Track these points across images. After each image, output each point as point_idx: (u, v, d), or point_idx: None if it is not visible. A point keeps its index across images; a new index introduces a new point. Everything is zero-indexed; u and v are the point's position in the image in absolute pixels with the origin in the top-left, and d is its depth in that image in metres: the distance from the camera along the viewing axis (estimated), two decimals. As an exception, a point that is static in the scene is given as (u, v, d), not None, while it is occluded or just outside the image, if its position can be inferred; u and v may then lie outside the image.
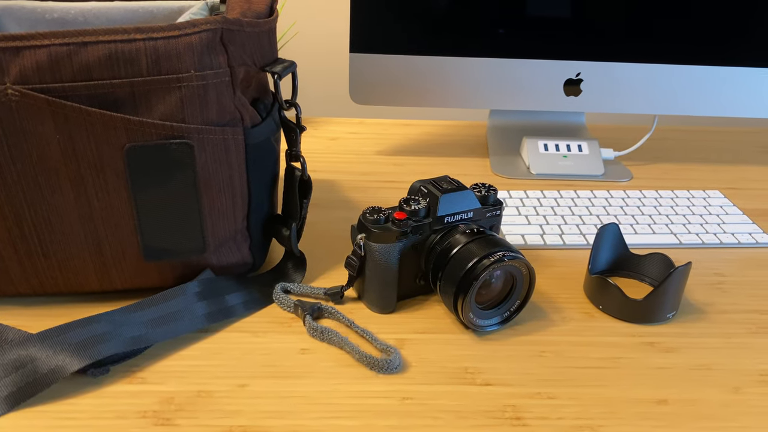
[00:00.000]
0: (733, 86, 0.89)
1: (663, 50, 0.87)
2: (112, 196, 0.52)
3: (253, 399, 0.49)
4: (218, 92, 0.52)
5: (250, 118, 0.55)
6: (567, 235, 0.72)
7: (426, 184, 0.60)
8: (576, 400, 0.50)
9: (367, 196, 0.81)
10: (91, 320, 0.51)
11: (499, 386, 0.51)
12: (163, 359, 0.52)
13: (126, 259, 0.55)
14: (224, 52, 0.52)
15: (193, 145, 0.52)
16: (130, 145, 0.50)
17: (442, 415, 0.48)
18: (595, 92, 0.89)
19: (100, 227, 0.53)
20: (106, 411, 0.47)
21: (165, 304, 0.55)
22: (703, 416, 0.49)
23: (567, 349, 0.55)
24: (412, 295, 0.61)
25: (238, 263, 0.60)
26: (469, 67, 0.87)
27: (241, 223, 0.58)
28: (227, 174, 0.55)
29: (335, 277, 0.64)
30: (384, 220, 0.57)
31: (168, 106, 0.50)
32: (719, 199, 0.82)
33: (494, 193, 0.61)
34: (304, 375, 0.51)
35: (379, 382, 0.51)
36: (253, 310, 0.58)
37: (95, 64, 0.47)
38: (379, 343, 0.54)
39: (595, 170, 0.88)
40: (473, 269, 0.54)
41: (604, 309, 0.60)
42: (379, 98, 0.89)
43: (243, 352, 0.53)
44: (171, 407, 0.48)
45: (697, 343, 0.57)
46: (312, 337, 0.55)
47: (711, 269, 0.68)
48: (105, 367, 0.50)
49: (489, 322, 0.56)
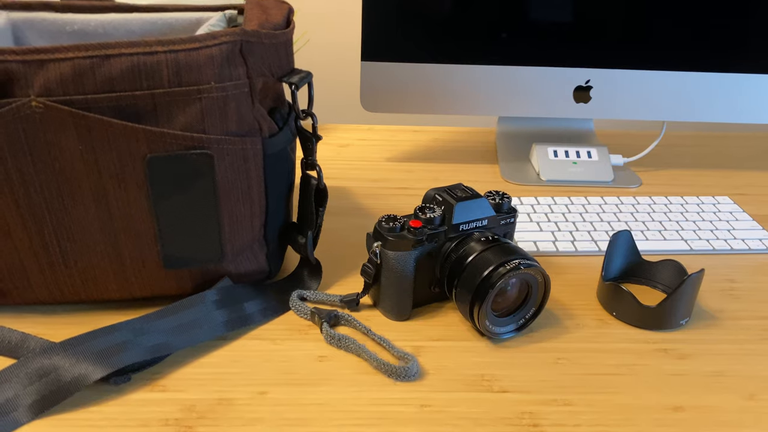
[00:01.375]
0: (742, 93, 0.89)
1: (672, 57, 0.87)
2: (133, 206, 0.53)
3: (273, 406, 0.49)
4: (238, 103, 0.52)
5: (268, 128, 0.56)
6: (579, 242, 0.73)
7: (440, 192, 0.60)
8: (592, 406, 0.50)
9: (379, 203, 0.81)
10: (112, 329, 0.52)
11: (516, 393, 0.51)
12: (183, 367, 0.53)
13: (146, 267, 0.56)
14: (243, 64, 0.52)
15: (213, 156, 0.52)
16: (151, 155, 0.51)
17: (461, 422, 0.49)
18: (604, 99, 0.90)
19: (121, 237, 0.54)
20: (130, 419, 0.48)
21: (184, 312, 0.55)
22: (719, 423, 0.49)
23: (582, 356, 0.56)
24: (427, 303, 0.62)
25: (255, 271, 0.60)
26: (479, 75, 0.88)
27: (259, 232, 0.59)
28: (246, 183, 0.55)
29: (350, 284, 0.64)
30: (400, 228, 0.57)
31: (189, 117, 0.51)
32: (729, 205, 0.82)
33: (508, 201, 0.62)
34: (323, 382, 0.52)
35: (398, 390, 0.51)
36: (270, 318, 0.59)
37: (118, 76, 0.48)
38: (396, 350, 0.54)
39: (605, 176, 0.89)
40: (489, 277, 0.54)
41: (617, 315, 0.60)
42: (389, 106, 0.89)
43: (262, 359, 0.54)
44: (193, 415, 0.48)
45: (711, 349, 0.57)
46: (329, 345, 0.56)
47: (722, 275, 0.68)
48: (126, 375, 0.51)
49: (505, 329, 0.57)
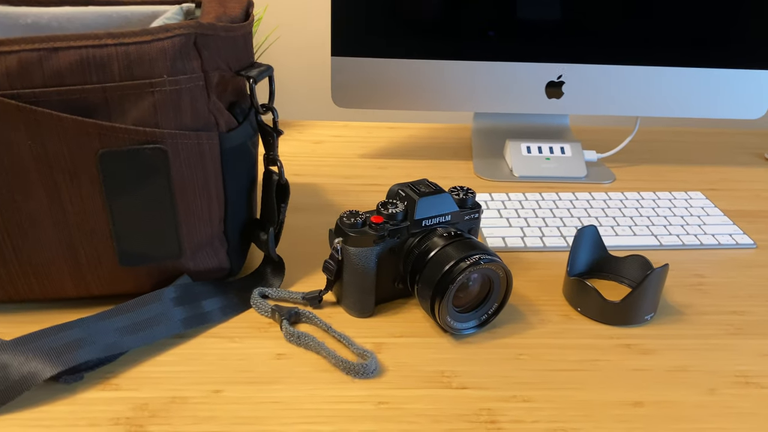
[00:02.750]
0: (715, 88, 0.89)
1: (644, 52, 0.87)
2: (86, 201, 0.52)
3: (227, 405, 0.48)
4: (192, 97, 0.52)
5: (225, 123, 0.55)
6: (547, 237, 0.72)
7: (404, 187, 0.59)
8: (552, 402, 0.50)
9: (349, 199, 0.81)
10: (65, 327, 0.51)
11: (475, 389, 0.51)
12: (138, 365, 0.52)
13: (102, 265, 0.55)
14: (198, 57, 0.51)
15: (167, 150, 0.51)
16: (104, 150, 0.50)
17: (418, 420, 0.48)
18: (577, 94, 0.89)
19: (75, 233, 0.53)
20: (80, 418, 0.47)
21: (141, 309, 0.54)
22: (679, 418, 0.49)
23: (544, 352, 0.55)
24: (391, 299, 0.61)
25: (215, 268, 0.60)
26: (450, 70, 0.87)
27: (218, 228, 0.58)
28: (203, 178, 0.54)
29: (315, 282, 0.64)
30: (361, 224, 0.57)
31: (141, 111, 0.50)
32: (701, 201, 0.82)
33: (472, 196, 0.61)
34: (280, 380, 0.51)
35: (355, 387, 0.51)
36: (230, 316, 0.58)
37: (67, 69, 0.47)
38: (355, 347, 0.54)
39: (578, 172, 0.89)
40: (450, 272, 0.53)
41: (582, 311, 0.60)
42: (361, 101, 0.89)
43: (219, 357, 0.53)
44: (144, 413, 0.47)
45: (675, 344, 0.57)
46: (289, 342, 0.55)
47: (691, 271, 0.68)
48: (79, 374, 0.50)
49: (466, 325, 0.56)
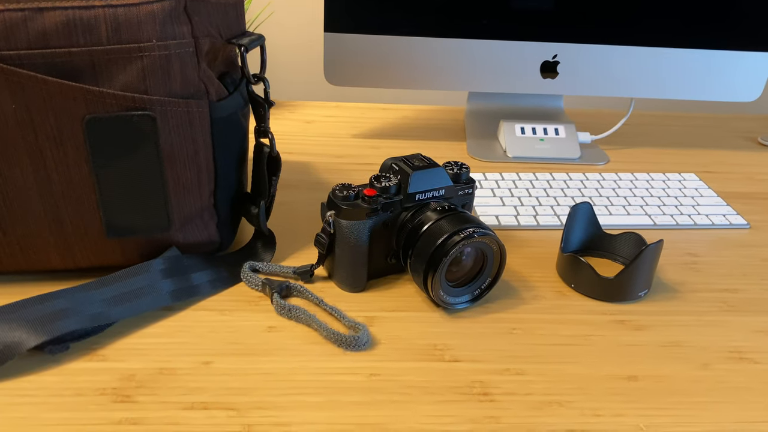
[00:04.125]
0: (710, 70, 0.88)
1: (640, 33, 0.86)
2: (72, 169, 0.51)
3: (216, 376, 0.48)
4: (182, 63, 0.50)
5: (215, 92, 0.54)
6: (541, 216, 0.72)
7: (397, 161, 0.59)
8: (545, 376, 0.49)
9: (340, 177, 0.80)
10: (50, 296, 0.50)
11: (468, 362, 0.50)
12: (126, 337, 0.51)
13: (88, 235, 0.54)
14: (188, 22, 0.50)
15: (156, 117, 0.50)
16: (90, 116, 0.49)
17: (409, 391, 0.47)
18: (571, 75, 0.89)
19: (61, 202, 0.52)
20: (65, 388, 0.46)
21: (128, 281, 0.53)
22: (672, 392, 0.49)
23: (538, 327, 0.55)
24: (384, 274, 0.60)
25: (205, 241, 0.59)
26: (444, 48, 0.86)
27: (208, 200, 0.57)
28: (192, 148, 0.53)
29: (307, 257, 0.63)
30: (354, 196, 0.56)
31: (129, 76, 0.49)
32: (695, 182, 0.82)
33: (467, 171, 0.60)
34: (270, 352, 0.50)
35: (347, 359, 0.50)
36: (220, 289, 0.57)
37: (52, 31, 0.46)
38: (347, 320, 0.53)
39: (572, 153, 0.88)
40: (443, 245, 0.53)
41: (576, 287, 0.60)
42: (353, 79, 0.87)
43: (208, 329, 0.52)
44: (131, 384, 0.46)
45: (668, 320, 0.56)
46: (279, 315, 0.54)
47: (684, 249, 0.68)
48: (64, 344, 0.49)
49: (459, 299, 0.56)
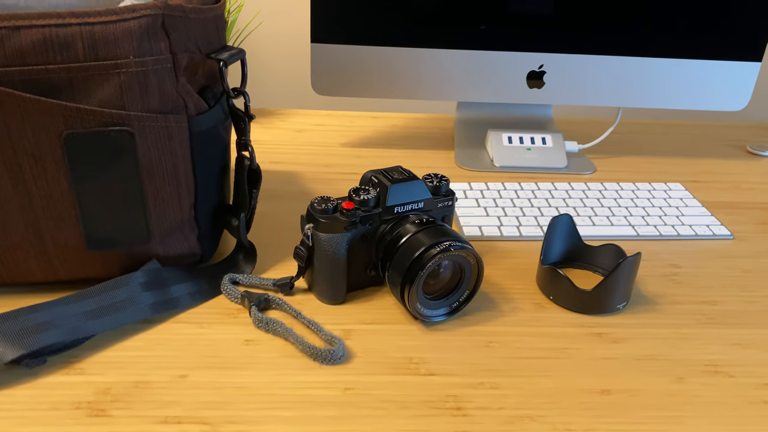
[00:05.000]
0: (697, 79, 0.89)
1: (626, 43, 0.87)
2: (52, 184, 0.51)
3: (191, 390, 0.48)
4: (160, 79, 0.51)
5: (195, 106, 0.55)
6: (524, 227, 0.72)
7: (377, 174, 0.59)
8: (519, 390, 0.50)
9: (327, 187, 0.80)
10: (28, 310, 0.50)
11: (443, 376, 0.50)
12: (104, 350, 0.51)
13: (69, 249, 0.54)
14: (166, 38, 0.51)
15: (134, 133, 0.51)
16: (68, 132, 0.49)
17: (384, 405, 0.48)
18: (558, 84, 0.89)
19: (41, 217, 0.52)
20: (41, 402, 0.46)
21: (108, 294, 0.54)
22: (646, 406, 0.49)
23: (514, 340, 0.55)
24: (364, 286, 0.60)
25: (185, 254, 0.59)
26: (430, 59, 0.87)
27: (188, 213, 0.57)
28: (171, 162, 0.54)
29: (289, 270, 0.63)
30: (332, 209, 0.56)
31: (107, 92, 0.49)
32: (680, 192, 0.82)
33: (446, 183, 0.61)
34: (246, 366, 0.51)
35: (322, 373, 0.50)
36: (200, 301, 0.57)
37: (29, 48, 0.46)
38: (324, 333, 0.53)
39: (559, 163, 0.88)
40: (420, 258, 0.53)
41: (554, 300, 0.60)
42: (340, 89, 0.88)
43: (186, 342, 0.53)
44: (107, 398, 0.47)
45: (645, 333, 0.57)
46: (257, 328, 0.55)
47: (666, 261, 0.68)
48: (41, 357, 0.49)
49: (437, 312, 0.56)
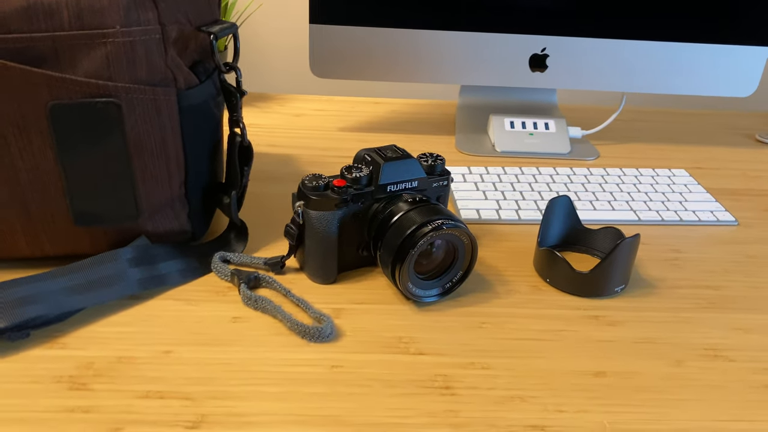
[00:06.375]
0: (703, 64, 0.87)
1: (630, 26, 0.85)
2: (38, 157, 0.50)
3: (175, 365, 0.47)
4: (147, 50, 0.50)
5: (185, 80, 0.54)
6: (523, 210, 0.71)
7: (370, 152, 0.58)
8: (510, 371, 0.48)
9: (323, 170, 0.79)
10: (12, 283, 0.50)
11: (433, 356, 0.49)
12: (89, 325, 0.51)
13: (56, 224, 0.53)
14: (154, 8, 0.50)
15: (121, 105, 0.50)
16: (54, 102, 0.48)
17: (370, 383, 0.46)
18: (561, 68, 0.87)
19: (27, 190, 0.51)
20: (22, 375, 0.45)
21: (95, 268, 0.53)
22: (642, 388, 0.47)
23: (508, 321, 0.54)
24: (356, 267, 0.59)
25: (176, 231, 0.58)
26: (431, 41, 0.85)
27: (178, 190, 0.56)
28: (159, 137, 0.53)
29: (281, 249, 0.62)
30: (323, 187, 0.55)
31: (93, 62, 0.48)
32: (684, 178, 0.80)
33: (441, 162, 0.59)
34: (233, 342, 0.50)
35: (310, 350, 0.49)
36: (189, 279, 0.57)
37: (12, 15, 0.46)
38: (313, 311, 0.52)
39: (561, 148, 0.87)
40: (411, 237, 0.52)
41: (551, 282, 0.58)
42: (339, 72, 0.87)
43: (173, 319, 0.52)
44: (89, 372, 0.46)
45: (644, 317, 0.55)
46: (246, 306, 0.54)
47: (668, 245, 0.66)
48: (24, 331, 0.48)
49: (429, 292, 0.55)
